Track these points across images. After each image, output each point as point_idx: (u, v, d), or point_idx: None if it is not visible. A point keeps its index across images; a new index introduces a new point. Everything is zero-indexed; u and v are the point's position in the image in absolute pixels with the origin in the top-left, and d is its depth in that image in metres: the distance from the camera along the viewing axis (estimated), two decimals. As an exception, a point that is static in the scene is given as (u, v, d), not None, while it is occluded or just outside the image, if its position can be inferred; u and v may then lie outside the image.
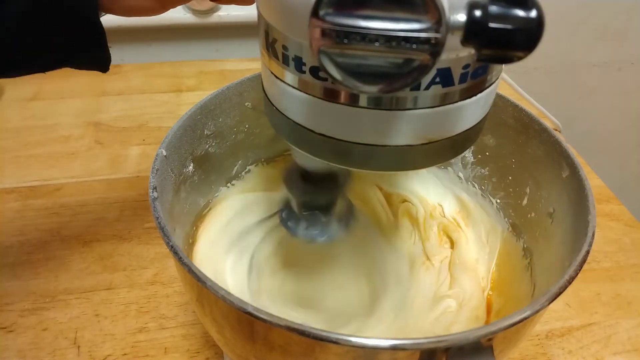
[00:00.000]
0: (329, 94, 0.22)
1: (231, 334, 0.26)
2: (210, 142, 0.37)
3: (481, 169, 0.41)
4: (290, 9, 0.20)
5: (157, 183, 0.29)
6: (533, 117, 0.35)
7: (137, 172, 0.55)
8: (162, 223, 0.26)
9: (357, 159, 0.24)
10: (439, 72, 0.20)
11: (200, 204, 0.38)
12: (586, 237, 0.26)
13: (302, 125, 0.24)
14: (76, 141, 0.59)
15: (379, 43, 0.17)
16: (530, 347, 0.40)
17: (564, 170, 0.32)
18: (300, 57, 0.21)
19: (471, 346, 0.22)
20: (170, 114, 0.64)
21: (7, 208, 0.49)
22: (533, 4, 0.17)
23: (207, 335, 0.39)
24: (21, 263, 0.44)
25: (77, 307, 0.41)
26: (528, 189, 0.36)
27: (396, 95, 0.21)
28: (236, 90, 0.37)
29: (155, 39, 0.76)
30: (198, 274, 0.23)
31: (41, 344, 0.38)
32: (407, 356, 0.22)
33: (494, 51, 0.18)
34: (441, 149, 0.24)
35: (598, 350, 0.40)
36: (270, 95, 0.25)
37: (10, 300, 0.41)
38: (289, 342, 0.23)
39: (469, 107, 0.23)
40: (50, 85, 0.67)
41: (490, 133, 0.38)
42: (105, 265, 0.45)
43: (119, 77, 0.70)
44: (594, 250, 0.48)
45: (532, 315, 0.23)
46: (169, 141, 0.32)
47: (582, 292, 0.45)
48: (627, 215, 0.53)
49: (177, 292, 0.43)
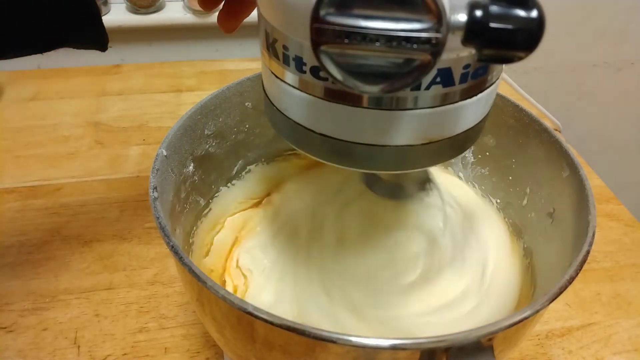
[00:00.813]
0: (329, 94, 0.22)
1: (231, 333, 0.26)
2: (211, 142, 0.37)
3: (481, 169, 0.41)
4: (291, 9, 0.20)
5: (157, 183, 0.29)
6: (533, 117, 0.35)
7: (137, 172, 0.55)
8: (162, 223, 0.26)
9: (357, 159, 0.24)
10: (440, 72, 0.20)
11: (200, 204, 0.38)
12: (586, 237, 0.26)
13: (302, 125, 0.24)
14: (76, 141, 0.59)
15: (380, 43, 0.17)
16: (530, 347, 0.40)
17: (564, 170, 0.32)
18: (300, 57, 0.21)
19: (471, 346, 0.22)
20: (170, 114, 0.64)
21: (7, 208, 0.49)
22: (534, 4, 0.17)
23: (207, 335, 0.39)
24: (21, 263, 0.44)
25: (77, 307, 0.41)
26: (528, 189, 0.36)
27: (397, 95, 0.21)
28: (236, 90, 0.37)
29: (155, 39, 0.76)
30: (198, 273, 0.23)
31: (41, 344, 0.38)
32: (408, 356, 0.22)
33: (495, 51, 0.18)
34: (441, 148, 0.24)
35: (598, 350, 0.40)
36: (270, 95, 0.25)
37: (10, 300, 0.41)
38: (289, 342, 0.23)
39: (469, 107, 0.23)
40: (50, 85, 0.67)
41: (491, 133, 0.38)
42: (105, 265, 0.45)
43: (119, 77, 0.70)
44: (594, 250, 0.48)
45: (532, 315, 0.23)
46: (169, 141, 0.32)
47: (582, 292, 0.45)
48: (627, 215, 0.53)
49: (177, 292, 0.43)
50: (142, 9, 0.71)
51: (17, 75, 0.69)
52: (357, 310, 0.33)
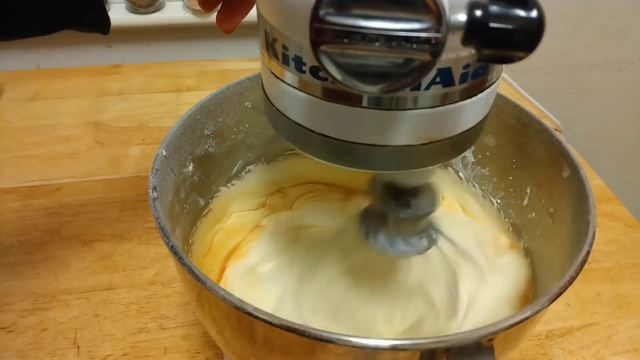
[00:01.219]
0: (329, 93, 0.22)
1: (231, 334, 0.26)
2: (210, 142, 0.37)
3: (481, 169, 0.41)
4: (291, 9, 0.20)
5: (157, 183, 0.29)
6: (533, 117, 0.35)
7: (137, 172, 0.55)
8: (162, 223, 0.26)
9: (357, 159, 0.24)
10: (440, 72, 0.20)
11: (200, 204, 0.38)
12: (587, 237, 0.26)
13: (302, 125, 0.24)
14: (76, 141, 0.59)
15: (380, 43, 0.17)
16: (530, 347, 0.40)
17: (565, 170, 0.32)
18: (300, 56, 0.21)
19: (472, 346, 0.22)
20: (170, 114, 0.64)
21: (7, 208, 0.49)
22: (534, 3, 0.17)
23: (207, 336, 0.39)
24: (21, 263, 0.44)
25: (77, 307, 0.41)
26: (528, 189, 0.36)
27: (396, 95, 0.21)
28: (236, 90, 0.37)
29: (155, 39, 0.76)
30: (198, 274, 0.23)
31: (41, 344, 0.38)
32: (408, 356, 0.22)
33: (495, 51, 0.17)
34: (441, 149, 0.24)
35: (598, 350, 0.40)
36: (270, 95, 0.25)
37: (10, 300, 0.41)
38: (289, 342, 0.23)
39: (469, 107, 0.23)
40: (50, 85, 0.67)
41: (491, 133, 0.38)
42: (105, 265, 0.45)
43: (119, 77, 0.70)
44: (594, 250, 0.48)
45: (532, 315, 0.23)
46: (169, 141, 0.32)
47: (583, 292, 0.45)
48: (627, 215, 0.53)
49: (177, 292, 0.43)
50: (142, 9, 0.71)
51: (17, 75, 0.69)
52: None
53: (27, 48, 0.73)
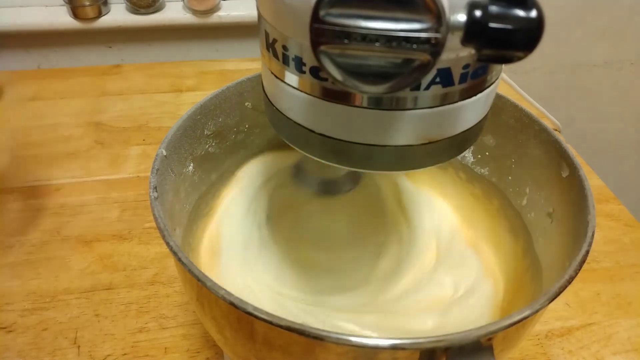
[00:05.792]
0: (329, 94, 0.22)
1: (231, 333, 0.26)
2: (210, 142, 0.37)
3: (481, 169, 0.41)
4: (291, 9, 0.20)
5: (157, 183, 0.29)
6: (533, 117, 0.35)
7: (137, 172, 0.55)
8: (162, 223, 0.26)
9: (357, 159, 0.24)
10: (439, 72, 0.20)
11: (201, 203, 0.38)
12: (586, 237, 0.26)
13: (302, 125, 0.24)
14: (76, 141, 0.59)
15: (380, 43, 0.17)
16: (530, 347, 0.40)
17: (564, 170, 0.32)
18: (300, 57, 0.21)
19: (471, 346, 0.22)
20: (170, 114, 0.64)
21: (7, 208, 0.49)
22: (533, 3, 0.17)
23: (207, 335, 0.39)
24: (21, 263, 0.44)
25: (77, 307, 0.41)
26: (528, 189, 0.36)
27: (396, 95, 0.21)
28: (236, 90, 0.37)
29: (155, 39, 0.76)
30: (198, 274, 0.23)
31: (41, 344, 0.38)
32: (407, 356, 0.22)
33: (494, 51, 0.18)
34: (441, 148, 0.24)
35: (598, 350, 0.40)
36: (270, 95, 0.25)
37: (10, 300, 0.41)
38: (289, 342, 0.23)
39: (469, 107, 0.23)
40: (50, 85, 0.67)
41: (490, 133, 0.38)
42: (105, 265, 0.45)
43: (119, 77, 0.70)
44: (594, 250, 0.48)
45: (532, 315, 0.23)
46: (169, 141, 0.32)
47: (582, 292, 0.45)
48: (627, 215, 0.53)
49: (177, 292, 0.43)
50: (142, 9, 0.71)
51: (17, 75, 0.69)
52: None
53: (27, 48, 0.73)
